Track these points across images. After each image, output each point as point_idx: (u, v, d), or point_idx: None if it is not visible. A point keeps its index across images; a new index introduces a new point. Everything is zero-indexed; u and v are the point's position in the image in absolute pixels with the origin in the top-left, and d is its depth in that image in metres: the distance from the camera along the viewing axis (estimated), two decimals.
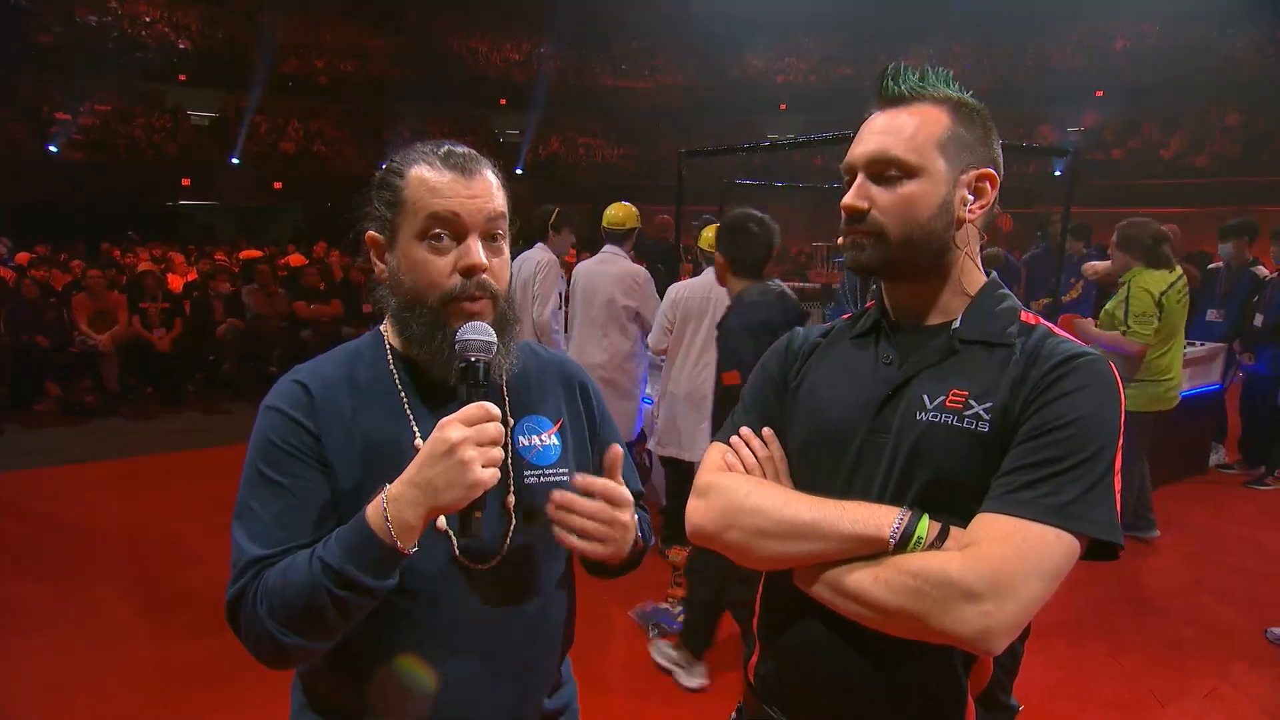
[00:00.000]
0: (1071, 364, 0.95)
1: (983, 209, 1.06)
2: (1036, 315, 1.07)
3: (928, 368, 1.04)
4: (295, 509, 1.00)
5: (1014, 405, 0.96)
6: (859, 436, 1.05)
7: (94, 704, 2.84)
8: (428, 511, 0.93)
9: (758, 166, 19.83)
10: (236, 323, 7.84)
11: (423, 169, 1.05)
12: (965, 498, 0.96)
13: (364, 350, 1.12)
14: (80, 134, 16.77)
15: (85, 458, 5.75)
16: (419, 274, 1.04)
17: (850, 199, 1.05)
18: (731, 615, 3.04)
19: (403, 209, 1.05)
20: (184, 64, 19.47)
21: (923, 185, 1.02)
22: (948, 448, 0.98)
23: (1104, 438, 0.92)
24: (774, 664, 1.14)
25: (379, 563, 0.92)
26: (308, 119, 20.49)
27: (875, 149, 1.03)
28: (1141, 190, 17.22)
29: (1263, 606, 3.61)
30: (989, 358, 1.01)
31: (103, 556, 4.06)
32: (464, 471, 0.91)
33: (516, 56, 25.32)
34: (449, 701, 1.06)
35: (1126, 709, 2.90)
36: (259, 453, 1.02)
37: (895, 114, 1.05)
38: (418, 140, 1.11)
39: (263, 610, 0.94)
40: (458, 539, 1.05)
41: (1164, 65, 19.41)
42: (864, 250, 1.05)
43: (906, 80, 1.05)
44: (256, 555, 0.97)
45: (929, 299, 1.08)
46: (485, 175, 1.08)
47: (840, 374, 1.12)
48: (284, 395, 1.05)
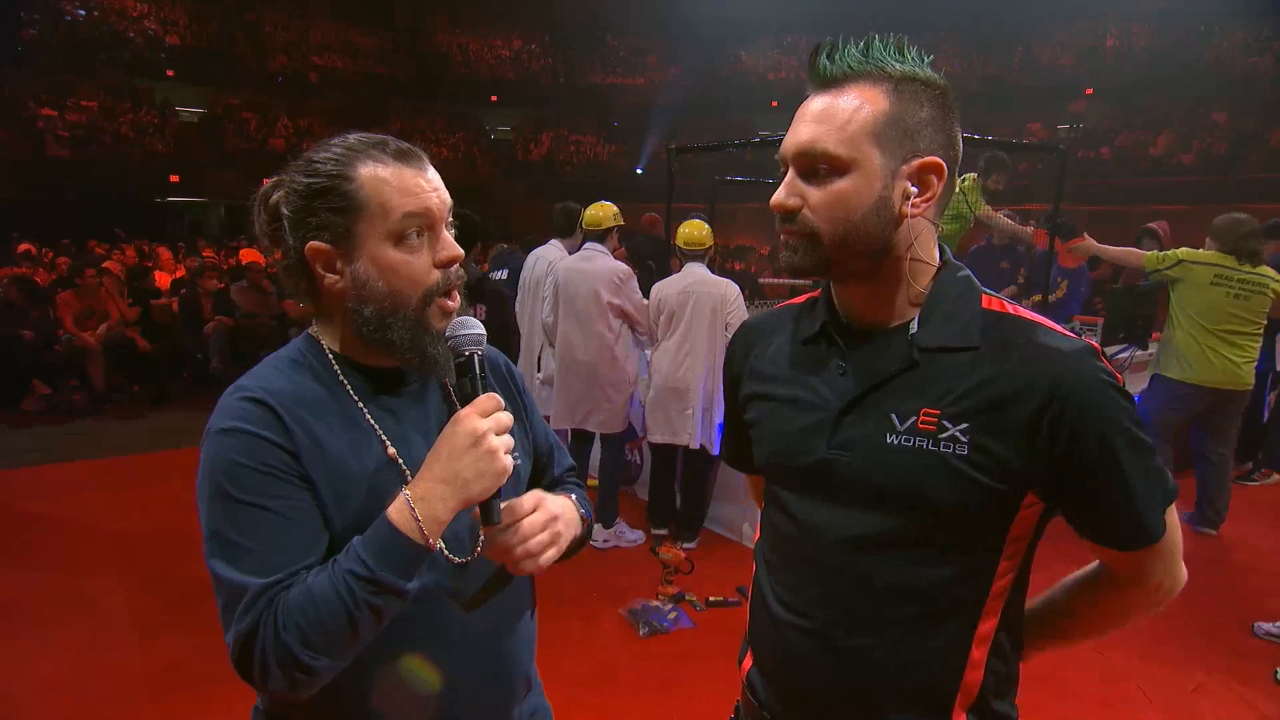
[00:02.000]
0: (1076, 378, 0.89)
1: (929, 203, 0.94)
2: (1001, 299, 1.00)
3: (887, 380, 0.96)
4: (290, 531, 0.94)
5: (1011, 430, 0.90)
6: (817, 453, 0.99)
7: (82, 703, 2.82)
8: (458, 504, 0.93)
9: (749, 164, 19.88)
10: (225, 320, 7.79)
11: (374, 167, 0.98)
12: (948, 522, 0.93)
13: (302, 359, 1.05)
14: (66, 130, 16.61)
15: (72, 457, 5.70)
16: (397, 277, 0.99)
17: (778, 198, 0.96)
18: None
19: (362, 213, 0.98)
20: (172, 60, 19.32)
21: (855, 181, 0.91)
22: (927, 474, 0.92)
23: (1139, 433, 0.92)
24: (759, 670, 1.13)
25: (411, 564, 0.92)
26: (297, 116, 20.38)
27: (804, 141, 0.93)
28: (1130, 188, 17.31)
29: (1250, 602, 3.64)
30: (955, 365, 0.94)
31: (90, 556, 4.03)
32: (492, 461, 0.93)
33: (507, 54, 25.24)
34: (447, 696, 1.06)
35: (1114, 705, 2.91)
36: (228, 479, 0.93)
37: (829, 98, 0.93)
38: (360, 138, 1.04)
39: (289, 637, 0.88)
40: (482, 527, 1.02)
41: (1153, 64, 19.51)
42: (796, 253, 0.96)
43: (844, 57, 0.94)
44: (262, 585, 0.90)
45: (879, 301, 0.99)
46: (429, 164, 1.04)
47: (791, 378, 1.05)
48: (241, 414, 0.96)
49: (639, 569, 3.93)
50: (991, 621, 0.98)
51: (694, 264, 4.14)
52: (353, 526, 0.96)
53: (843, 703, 1.01)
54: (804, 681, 1.04)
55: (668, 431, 4.12)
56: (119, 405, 7.23)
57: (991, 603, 0.97)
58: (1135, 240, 6.21)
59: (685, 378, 4.02)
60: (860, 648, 0.99)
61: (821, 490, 1.01)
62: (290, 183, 1.02)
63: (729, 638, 3.25)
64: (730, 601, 3.61)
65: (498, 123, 24.50)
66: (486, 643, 1.11)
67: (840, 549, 0.99)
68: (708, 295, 4.00)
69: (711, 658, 3.14)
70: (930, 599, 0.96)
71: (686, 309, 4.01)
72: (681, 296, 4.02)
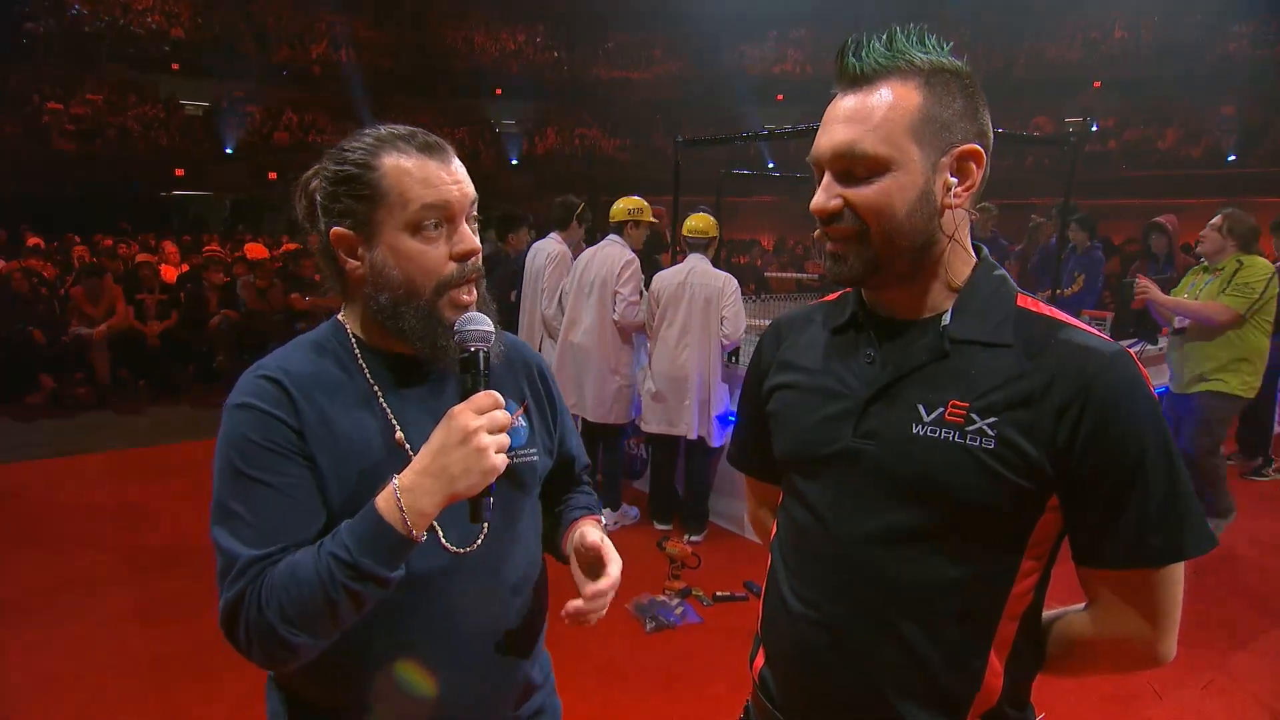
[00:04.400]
0: (1107, 380, 0.88)
1: (969, 191, 0.94)
2: (1035, 299, 0.98)
3: (916, 370, 0.95)
4: (286, 508, 0.97)
5: (1038, 426, 0.88)
6: (841, 442, 0.98)
7: (84, 696, 2.82)
8: (444, 499, 0.94)
9: (754, 158, 19.82)
10: (231, 314, 7.78)
11: (398, 158, 1.01)
12: (970, 517, 0.92)
13: (327, 342, 1.09)
14: (71, 124, 16.62)
15: (77, 450, 5.71)
16: (412, 266, 1.01)
17: (819, 201, 0.94)
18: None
19: (383, 201, 1.01)
20: (176, 53, 19.30)
21: (897, 179, 0.90)
22: (952, 467, 0.91)
23: (1172, 449, 0.89)
24: (772, 668, 1.12)
25: (393, 553, 0.93)
26: (302, 109, 20.37)
27: (840, 143, 0.92)
28: (1136, 181, 17.24)
29: (1261, 597, 3.62)
30: (986, 360, 0.92)
31: (93, 550, 4.03)
32: (480, 458, 0.93)
33: (512, 47, 25.18)
34: (441, 683, 1.07)
35: (1124, 701, 2.90)
36: (236, 453, 0.98)
37: (861, 96, 0.92)
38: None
39: (270, 612, 0.91)
40: (470, 523, 1.04)
41: (1160, 57, 19.39)
42: (844, 261, 0.95)
43: (871, 54, 0.92)
44: (253, 556, 0.94)
45: (912, 296, 0.98)
46: (455, 157, 1.06)
47: (819, 369, 1.05)
48: (257, 392, 1.00)
49: (645, 564, 3.92)
50: (1011, 627, 0.96)
51: (696, 255, 4.17)
52: (351, 507, 0.97)
53: (856, 699, 1.00)
54: (818, 676, 1.03)
55: (665, 422, 4.18)
56: (124, 399, 7.23)
57: (1011, 608, 0.95)
58: (1143, 234, 6.17)
59: (684, 369, 4.08)
60: (875, 644, 0.97)
61: (843, 481, 0.99)
62: (323, 170, 1.06)
63: (736, 633, 3.24)
64: (737, 596, 3.60)
65: (502, 116, 24.45)
66: (485, 634, 1.11)
67: (859, 542, 0.98)
68: (704, 287, 4.05)
69: (718, 653, 3.13)
70: (947, 598, 0.94)
71: (683, 301, 4.07)
72: (679, 289, 4.09)
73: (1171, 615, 0.94)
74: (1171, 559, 0.90)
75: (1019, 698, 1.00)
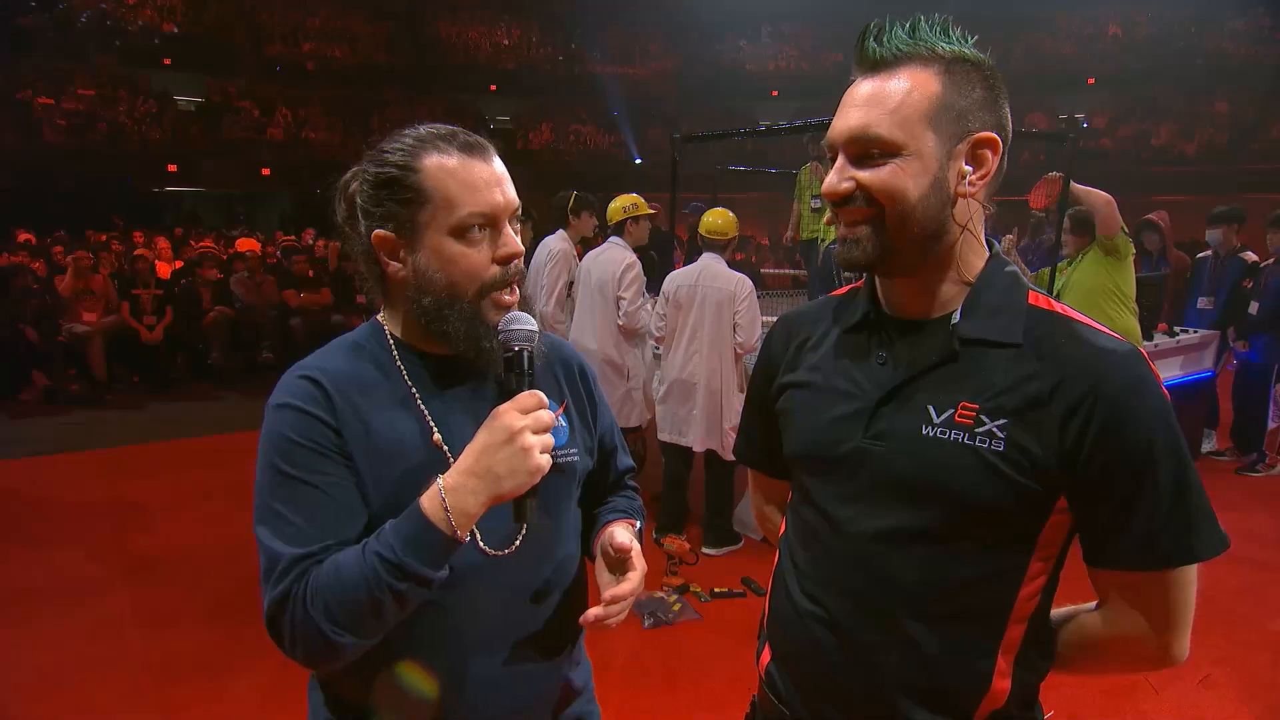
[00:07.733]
0: (1116, 380, 0.87)
1: (984, 180, 0.93)
2: (1047, 297, 0.97)
3: (926, 371, 0.95)
4: (329, 507, 0.97)
5: (1047, 427, 0.88)
6: (852, 442, 0.98)
7: (83, 695, 2.81)
8: (488, 500, 0.94)
9: (750, 154, 19.80)
10: (226, 311, 7.76)
11: (440, 159, 1.00)
12: (978, 519, 0.91)
13: (366, 343, 1.09)
14: (63, 119, 16.52)
15: (72, 447, 5.69)
16: (456, 269, 1.01)
17: (830, 183, 0.94)
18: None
19: (427, 204, 1.00)
20: (169, 48, 19.19)
21: (910, 164, 0.89)
22: (960, 469, 0.90)
23: (1183, 450, 0.88)
24: (778, 663, 1.11)
25: (438, 553, 0.93)
26: (295, 105, 20.27)
27: (855, 126, 0.91)
28: (1131, 178, 17.26)
29: (1255, 593, 3.64)
30: (996, 360, 0.92)
31: (91, 547, 4.01)
32: (525, 458, 0.93)
33: (507, 42, 25.09)
34: (479, 687, 1.06)
35: (1120, 694, 2.91)
36: (277, 453, 0.98)
37: (879, 81, 0.91)
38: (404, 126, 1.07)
39: (316, 611, 0.91)
40: (514, 523, 1.04)
41: (1154, 53, 19.45)
42: (856, 245, 0.94)
43: (892, 39, 0.92)
44: (296, 555, 0.94)
45: (926, 291, 0.97)
46: (496, 155, 1.06)
47: (831, 369, 1.04)
48: (296, 391, 1.01)
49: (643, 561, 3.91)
50: (1019, 629, 0.96)
51: (710, 255, 3.98)
52: (390, 508, 0.97)
53: (862, 697, 1.00)
54: (825, 674, 1.03)
55: (675, 431, 4.05)
56: (119, 396, 7.20)
57: (1019, 610, 0.95)
58: (1135, 232, 6.19)
59: (693, 375, 3.94)
60: (882, 644, 0.97)
61: (853, 481, 0.99)
62: (363, 172, 1.05)
63: (733, 629, 3.24)
64: (735, 593, 3.60)
65: (497, 112, 24.37)
66: (523, 635, 1.10)
67: (868, 543, 0.97)
68: (716, 291, 3.87)
69: (716, 649, 3.13)
70: (954, 599, 0.94)
71: (694, 305, 3.91)
72: (691, 291, 3.92)
73: (1183, 616, 0.93)
74: (1181, 561, 0.90)
75: (1026, 700, 1.00)
